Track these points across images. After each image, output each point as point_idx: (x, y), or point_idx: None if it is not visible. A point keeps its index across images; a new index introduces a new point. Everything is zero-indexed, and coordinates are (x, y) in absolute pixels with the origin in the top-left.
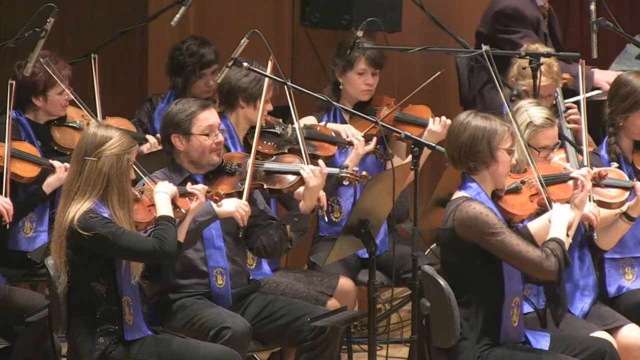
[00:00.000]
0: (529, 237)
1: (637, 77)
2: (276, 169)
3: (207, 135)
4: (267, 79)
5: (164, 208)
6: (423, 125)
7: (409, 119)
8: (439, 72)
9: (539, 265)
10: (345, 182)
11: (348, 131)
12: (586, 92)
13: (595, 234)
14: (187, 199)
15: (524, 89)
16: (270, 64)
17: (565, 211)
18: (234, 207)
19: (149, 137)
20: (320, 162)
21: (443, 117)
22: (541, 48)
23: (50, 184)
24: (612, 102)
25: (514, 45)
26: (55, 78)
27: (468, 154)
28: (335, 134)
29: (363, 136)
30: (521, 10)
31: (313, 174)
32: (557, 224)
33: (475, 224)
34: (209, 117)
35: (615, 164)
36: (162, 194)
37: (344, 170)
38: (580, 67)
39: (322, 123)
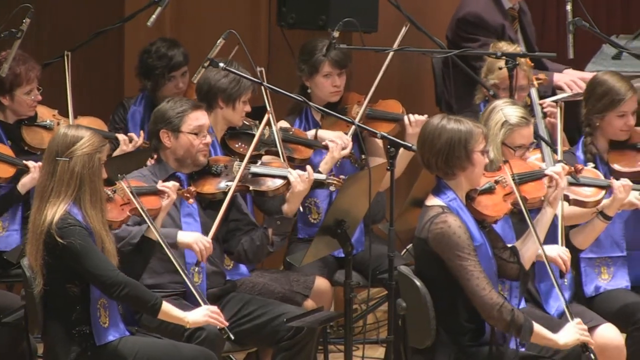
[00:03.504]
0: (500, 238)
1: (613, 77)
2: (263, 173)
3: (195, 134)
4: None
5: (168, 310)
6: (395, 120)
7: (380, 115)
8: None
9: (487, 305)
10: (332, 188)
11: (339, 140)
12: (547, 94)
13: (565, 281)
14: (158, 196)
15: (494, 83)
16: (262, 73)
17: (571, 336)
18: (193, 239)
19: (119, 136)
20: (308, 167)
21: (417, 116)
22: (507, 47)
23: (24, 184)
24: (589, 102)
25: None
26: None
27: (446, 160)
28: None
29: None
30: (484, 18)
31: (300, 178)
32: (555, 334)
33: (447, 243)
34: (200, 117)
35: (591, 164)
36: (184, 316)
37: (331, 177)
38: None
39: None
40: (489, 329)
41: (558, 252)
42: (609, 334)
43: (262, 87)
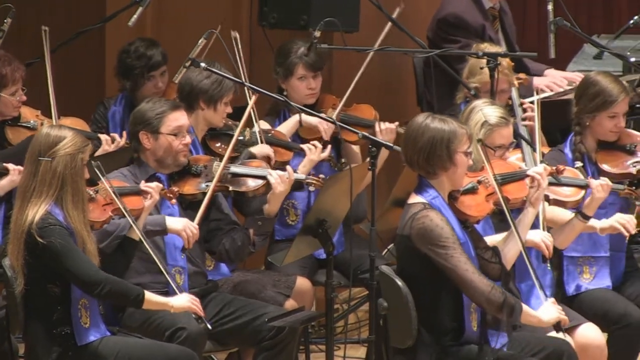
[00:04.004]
0: (482, 238)
1: (606, 78)
2: (242, 173)
3: (175, 135)
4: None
5: (153, 298)
6: (367, 126)
7: (353, 121)
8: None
9: (479, 289)
10: (311, 188)
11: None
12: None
13: (548, 265)
14: (141, 197)
15: (475, 86)
16: (252, 100)
17: (550, 314)
18: (182, 226)
19: (101, 136)
20: (288, 167)
21: (387, 124)
22: (490, 47)
23: (3, 186)
24: (580, 102)
25: None
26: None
27: (427, 158)
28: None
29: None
30: (464, 19)
31: (280, 179)
32: (537, 312)
33: (429, 236)
34: (179, 117)
35: (579, 163)
36: (167, 301)
37: (310, 176)
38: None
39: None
40: (470, 328)
41: (541, 236)
42: (590, 334)
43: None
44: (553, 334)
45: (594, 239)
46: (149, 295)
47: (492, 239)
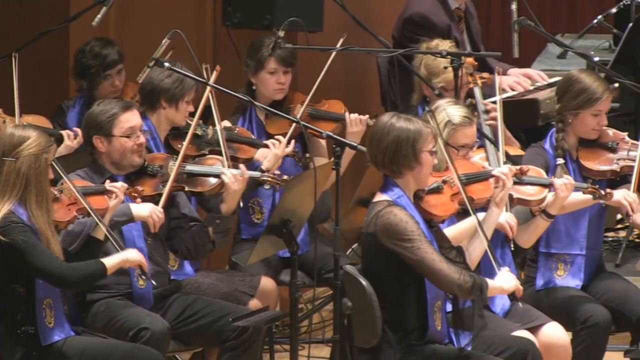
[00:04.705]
0: (447, 238)
1: (589, 76)
2: (198, 172)
3: (128, 137)
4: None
5: (109, 260)
6: (337, 119)
7: (323, 115)
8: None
9: (448, 275)
10: (266, 186)
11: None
12: (490, 96)
13: (511, 245)
14: (105, 196)
15: (442, 86)
16: (215, 73)
17: (509, 281)
18: (148, 211)
19: (63, 132)
20: (242, 166)
21: (357, 115)
22: (441, 45)
23: None
24: (563, 99)
25: None
26: None
27: (393, 158)
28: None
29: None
30: (430, 19)
31: (234, 178)
32: (497, 282)
33: (394, 230)
34: (131, 118)
35: (561, 160)
36: (121, 256)
37: (265, 174)
38: (496, 75)
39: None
40: (434, 327)
41: (505, 217)
42: (555, 333)
43: (207, 87)
44: (517, 333)
45: (571, 236)
46: (107, 262)
47: (452, 229)
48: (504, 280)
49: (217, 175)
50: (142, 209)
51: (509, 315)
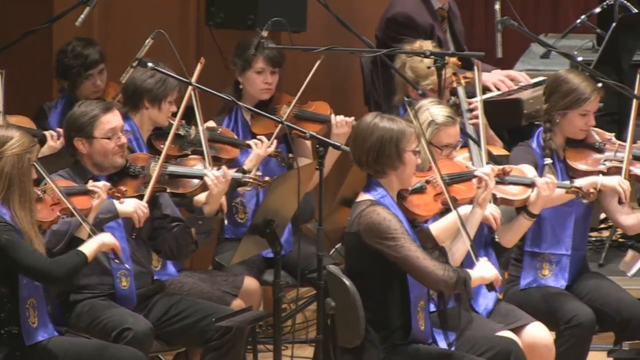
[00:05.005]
0: (430, 238)
1: (578, 77)
2: (180, 173)
3: (109, 138)
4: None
5: (87, 247)
6: (323, 121)
7: (309, 116)
8: (319, 61)
9: (433, 272)
10: (248, 188)
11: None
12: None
13: (495, 236)
14: (88, 196)
15: (431, 88)
16: (199, 65)
17: (487, 268)
18: (133, 207)
19: (47, 133)
20: (224, 167)
21: (342, 117)
22: (424, 45)
23: None
24: (551, 99)
25: None
26: None
27: (376, 158)
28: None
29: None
30: (413, 18)
31: (217, 179)
32: (477, 272)
33: (378, 229)
34: (112, 119)
35: (549, 160)
36: (97, 240)
37: (247, 175)
38: (476, 68)
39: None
40: (417, 327)
41: (489, 209)
42: (538, 333)
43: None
44: (500, 333)
45: (557, 236)
46: (86, 250)
47: (436, 225)
48: (484, 269)
49: (199, 177)
50: (126, 205)
51: (493, 315)
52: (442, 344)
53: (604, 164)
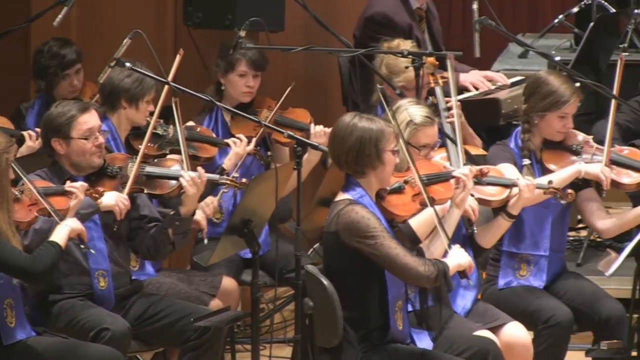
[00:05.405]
0: (411, 233)
1: (558, 79)
2: (157, 174)
3: (86, 138)
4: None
5: (58, 236)
6: (302, 128)
7: (288, 122)
8: (290, 87)
9: (414, 269)
10: (225, 189)
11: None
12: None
13: (475, 228)
14: (65, 197)
15: (402, 85)
16: (178, 57)
17: (461, 255)
18: (114, 200)
19: (25, 133)
20: (199, 169)
21: (322, 127)
22: (402, 45)
23: None
24: (531, 100)
25: None
26: None
27: (356, 157)
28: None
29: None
30: (391, 18)
31: (192, 181)
32: (452, 260)
33: (357, 228)
34: (89, 120)
35: (527, 161)
36: (65, 226)
37: (224, 177)
38: (449, 61)
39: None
40: (395, 327)
41: (468, 201)
42: (516, 333)
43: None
44: (478, 332)
45: (535, 237)
46: (57, 239)
47: (416, 219)
48: (458, 256)
49: (176, 178)
50: (107, 198)
51: (471, 315)
52: (421, 344)
53: (578, 176)
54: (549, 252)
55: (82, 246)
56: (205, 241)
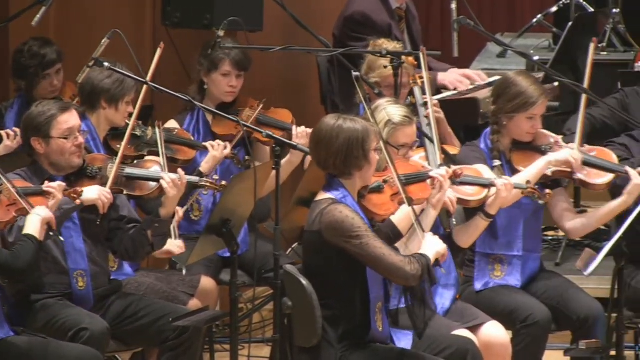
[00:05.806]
0: (392, 229)
1: (526, 80)
2: (137, 175)
3: (66, 138)
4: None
5: (31, 228)
6: (283, 128)
7: (270, 122)
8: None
9: (401, 269)
10: (205, 192)
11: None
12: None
13: (454, 220)
14: (43, 197)
15: (375, 81)
16: (159, 50)
17: (437, 242)
18: (97, 194)
19: (3, 132)
20: (180, 171)
21: (304, 128)
22: (387, 44)
23: None
24: (499, 101)
25: None
26: None
27: (345, 160)
28: None
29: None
30: (370, 17)
31: (173, 183)
32: (429, 249)
33: (341, 227)
34: (69, 119)
35: (498, 162)
36: (36, 216)
37: (204, 179)
38: (421, 54)
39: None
40: (375, 327)
41: (447, 194)
42: (494, 332)
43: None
44: (457, 332)
45: (508, 238)
46: (32, 231)
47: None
48: (434, 244)
49: (156, 180)
50: (90, 193)
51: (449, 314)
52: (400, 344)
53: (549, 167)
54: (522, 252)
55: (50, 233)
56: (184, 272)
